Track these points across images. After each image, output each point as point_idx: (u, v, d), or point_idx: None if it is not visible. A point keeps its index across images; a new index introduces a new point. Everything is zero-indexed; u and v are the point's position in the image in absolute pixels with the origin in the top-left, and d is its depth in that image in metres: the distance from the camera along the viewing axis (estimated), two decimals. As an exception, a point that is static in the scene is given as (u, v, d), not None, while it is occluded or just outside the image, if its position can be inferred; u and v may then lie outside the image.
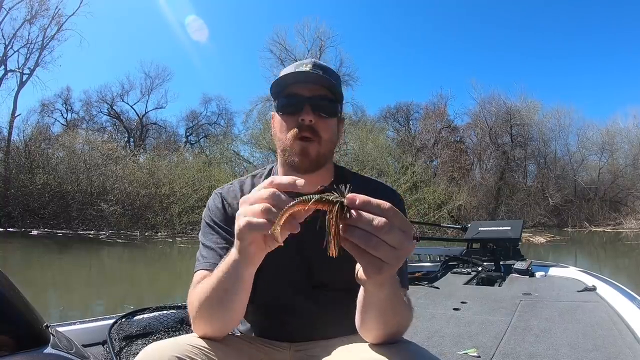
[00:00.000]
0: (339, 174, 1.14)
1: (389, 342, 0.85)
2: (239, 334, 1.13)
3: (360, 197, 0.58)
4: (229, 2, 50.72)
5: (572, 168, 29.71)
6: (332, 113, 1.05)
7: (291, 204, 0.61)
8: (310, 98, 1.01)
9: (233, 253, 0.78)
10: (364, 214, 0.58)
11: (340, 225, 0.58)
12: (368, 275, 0.63)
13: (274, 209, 0.64)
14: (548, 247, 15.67)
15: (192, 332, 1.95)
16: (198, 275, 0.98)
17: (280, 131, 1.05)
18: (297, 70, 1.03)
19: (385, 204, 0.59)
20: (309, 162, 1.02)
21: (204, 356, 0.85)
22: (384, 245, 0.58)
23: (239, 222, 0.69)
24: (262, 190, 0.67)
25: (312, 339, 1.05)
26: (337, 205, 0.58)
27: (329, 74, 1.05)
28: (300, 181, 0.66)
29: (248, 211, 0.67)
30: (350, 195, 0.58)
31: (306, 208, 0.60)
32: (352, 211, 0.58)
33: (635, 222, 23.98)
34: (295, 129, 1.01)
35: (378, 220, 0.57)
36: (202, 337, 0.90)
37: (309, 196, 0.60)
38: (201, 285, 0.89)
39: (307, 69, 1.03)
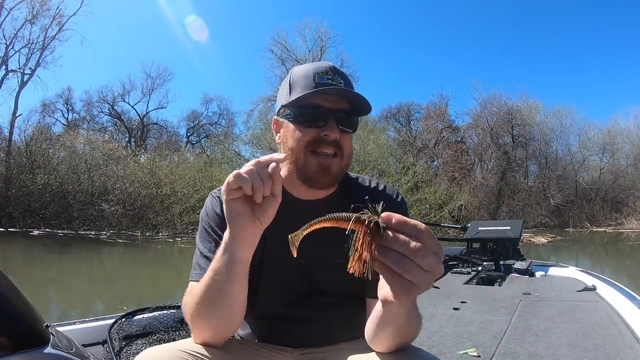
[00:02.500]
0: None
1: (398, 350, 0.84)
2: (239, 339, 1.10)
3: (396, 217, 0.56)
4: (230, 2, 50.77)
5: (573, 168, 29.66)
6: (354, 127, 1.01)
7: (323, 217, 0.60)
8: (334, 111, 0.96)
9: (226, 236, 0.79)
10: (401, 236, 0.55)
11: (373, 246, 0.56)
12: (397, 297, 0.61)
13: (257, 174, 0.72)
14: (549, 248, 15.63)
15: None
16: (193, 285, 0.92)
17: (293, 140, 0.97)
18: (317, 76, 0.97)
19: (421, 226, 0.56)
20: (330, 179, 0.98)
21: None
22: (418, 269, 0.55)
23: (226, 181, 0.73)
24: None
25: (314, 345, 1.04)
26: (373, 224, 0.56)
27: (348, 84, 1.01)
28: (279, 157, 0.75)
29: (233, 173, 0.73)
30: (385, 214, 0.56)
31: (339, 225, 0.58)
32: (388, 232, 0.55)
33: (636, 223, 23.91)
34: (311, 140, 0.96)
35: (415, 244, 0.54)
36: (202, 344, 0.88)
37: (342, 214, 0.58)
38: (197, 285, 0.86)
39: (330, 77, 0.97)
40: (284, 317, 1.04)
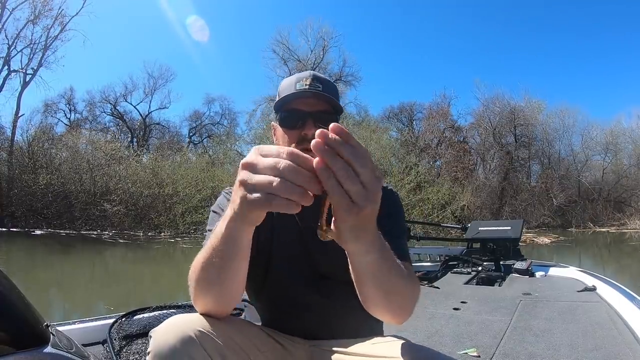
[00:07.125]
0: None
1: (400, 317, 0.87)
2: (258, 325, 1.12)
3: (339, 126, 0.60)
4: (231, 2, 50.84)
5: (576, 168, 29.57)
6: None
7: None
8: (312, 113, 1.05)
9: (229, 212, 0.70)
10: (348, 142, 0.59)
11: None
12: (339, 217, 0.62)
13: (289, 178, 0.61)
14: (552, 248, 15.59)
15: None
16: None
17: (283, 142, 1.08)
18: (297, 83, 1.07)
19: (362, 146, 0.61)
20: None
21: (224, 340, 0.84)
22: (357, 180, 0.58)
23: (249, 182, 0.62)
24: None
25: (324, 331, 1.08)
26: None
27: (328, 87, 1.09)
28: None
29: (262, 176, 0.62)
30: (333, 125, 0.61)
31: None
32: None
33: (639, 223, 23.85)
34: (295, 140, 1.03)
35: (363, 150, 0.59)
36: (204, 314, 0.88)
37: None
38: (198, 254, 0.84)
39: (307, 83, 1.07)
40: (293, 302, 1.09)
